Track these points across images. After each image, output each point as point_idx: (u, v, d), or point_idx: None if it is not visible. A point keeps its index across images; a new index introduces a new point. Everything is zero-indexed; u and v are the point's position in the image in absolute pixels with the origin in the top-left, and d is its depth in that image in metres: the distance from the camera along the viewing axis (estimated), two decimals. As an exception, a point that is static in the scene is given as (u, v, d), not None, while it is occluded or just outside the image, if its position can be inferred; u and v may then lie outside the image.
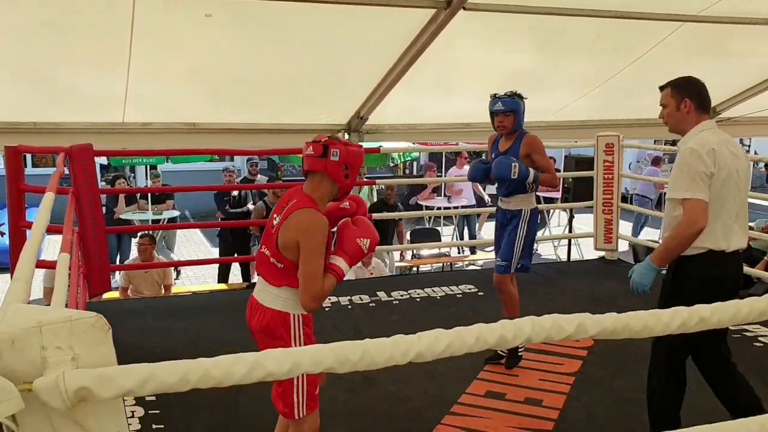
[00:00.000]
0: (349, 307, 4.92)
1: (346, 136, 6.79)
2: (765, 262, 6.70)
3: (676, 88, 2.85)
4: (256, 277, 2.49)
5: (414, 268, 8.64)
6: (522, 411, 3.40)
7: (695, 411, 2.97)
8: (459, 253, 10.42)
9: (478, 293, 5.30)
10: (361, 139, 6.88)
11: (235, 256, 8.25)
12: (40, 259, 6.35)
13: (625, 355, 4.09)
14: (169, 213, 9.33)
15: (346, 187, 2.37)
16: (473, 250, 10.32)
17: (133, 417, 3.15)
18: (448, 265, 9.11)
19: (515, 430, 3.18)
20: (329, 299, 5.02)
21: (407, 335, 1.05)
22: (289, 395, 2.38)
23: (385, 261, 7.53)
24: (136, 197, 9.35)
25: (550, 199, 11.05)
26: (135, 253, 7.71)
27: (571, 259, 8.75)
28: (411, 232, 9.24)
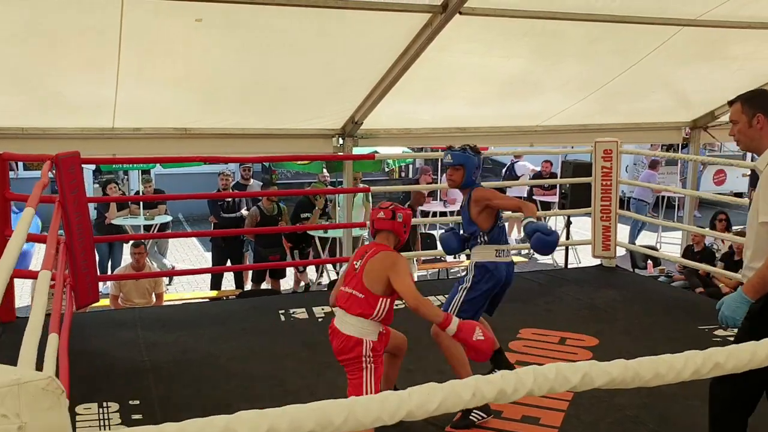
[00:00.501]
0: (343, 317, 4.82)
1: (341, 141, 6.70)
2: None
3: (747, 102, 2.56)
4: (336, 310, 3.10)
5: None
6: (519, 430, 3.31)
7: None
8: (454, 258, 10.30)
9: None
10: (355, 144, 6.79)
11: (228, 264, 8.15)
12: (23, 269, 6.26)
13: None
14: (161, 218, 9.21)
15: (404, 240, 3.16)
16: (469, 256, 10.21)
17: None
18: (444, 270, 9.02)
19: (513, 450, 3.10)
20: (322, 309, 4.93)
21: (397, 391, 0.96)
22: None
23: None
24: (128, 202, 9.23)
25: (546, 204, 10.96)
26: (127, 259, 7.60)
27: (569, 263, 8.70)
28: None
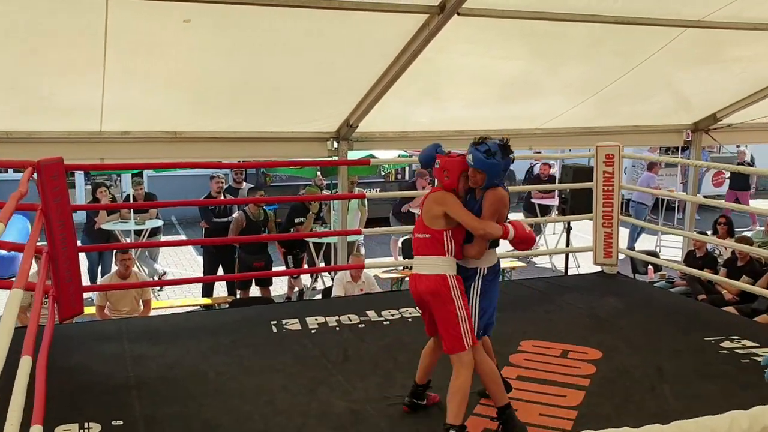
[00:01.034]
0: (338, 328, 4.65)
1: (335, 145, 6.53)
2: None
3: None
4: (414, 259, 3.24)
5: (406, 278, 8.37)
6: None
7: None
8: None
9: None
10: (351, 148, 6.62)
11: (219, 268, 7.98)
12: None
13: (630, 382, 3.85)
14: (152, 222, 9.02)
15: (447, 186, 3.22)
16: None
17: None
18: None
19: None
20: (315, 320, 4.76)
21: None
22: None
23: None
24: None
25: (545, 207, 10.80)
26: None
27: (569, 268, 8.54)
28: (402, 242, 8.96)
